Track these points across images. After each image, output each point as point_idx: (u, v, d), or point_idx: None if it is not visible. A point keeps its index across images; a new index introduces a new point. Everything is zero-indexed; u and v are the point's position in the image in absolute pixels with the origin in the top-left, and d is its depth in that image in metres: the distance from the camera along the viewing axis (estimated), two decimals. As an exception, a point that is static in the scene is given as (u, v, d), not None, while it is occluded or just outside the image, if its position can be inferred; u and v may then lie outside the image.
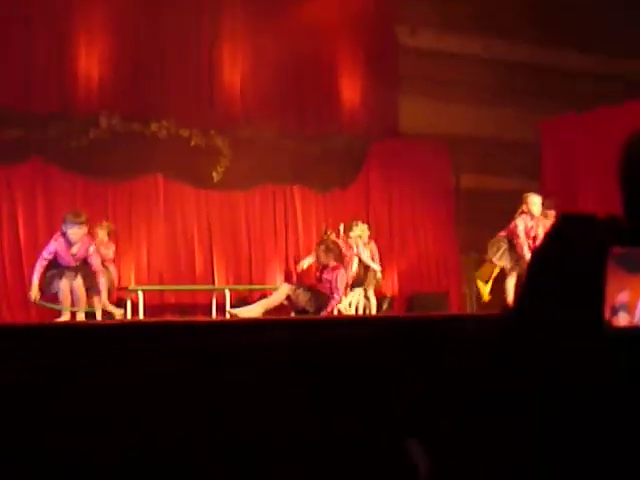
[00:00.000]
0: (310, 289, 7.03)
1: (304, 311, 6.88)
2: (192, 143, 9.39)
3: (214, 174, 9.52)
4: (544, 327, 1.26)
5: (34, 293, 6.87)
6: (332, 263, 7.08)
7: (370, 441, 2.49)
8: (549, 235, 1.37)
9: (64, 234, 6.88)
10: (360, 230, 8.84)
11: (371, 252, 8.99)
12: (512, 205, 10.66)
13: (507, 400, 1.25)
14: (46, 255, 6.90)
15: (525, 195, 7.84)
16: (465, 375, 1.30)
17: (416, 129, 10.57)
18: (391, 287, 10.12)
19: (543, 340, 1.24)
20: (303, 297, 6.83)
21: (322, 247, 7.23)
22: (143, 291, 8.54)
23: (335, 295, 6.97)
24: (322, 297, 6.92)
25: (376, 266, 8.88)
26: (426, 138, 10.58)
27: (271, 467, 2.48)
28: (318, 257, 7.29)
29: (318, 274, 7.24)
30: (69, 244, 6.88)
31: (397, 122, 10.61)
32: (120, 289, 8.70)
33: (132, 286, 8.72)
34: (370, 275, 8.83)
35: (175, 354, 2.76)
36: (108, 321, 6.69)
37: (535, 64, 10.93)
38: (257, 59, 9.58)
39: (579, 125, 10.01)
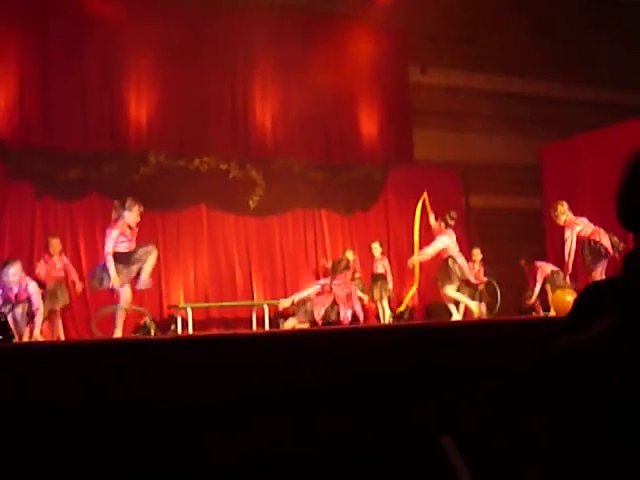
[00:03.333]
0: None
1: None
2: (230, 176, 9.97)
3: (250, 202, 10.08)
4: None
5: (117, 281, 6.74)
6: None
7: (407, 442, 2.43)
8: (572, 308, 1.32)
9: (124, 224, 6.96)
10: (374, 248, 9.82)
11: (384, 267, 9.71)
12: (518, 222, 11.17)
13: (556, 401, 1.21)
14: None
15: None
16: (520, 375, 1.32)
17: (429, 157, 11.11)
18: (410, 299, 10.18)
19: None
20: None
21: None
22: (191, 308, 9.04)
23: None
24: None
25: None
26: (438, 165, 11.04)
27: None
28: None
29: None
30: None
31: (412, 152, 11.14)
32: (171, 307, 9.34)
33: (181, 304, 9.25)
34: (382, 286, 9.53)
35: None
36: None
37: (529, 94, 11.64)
38: (286, 101, 10.16)
39: (575, 149, 10.65)
